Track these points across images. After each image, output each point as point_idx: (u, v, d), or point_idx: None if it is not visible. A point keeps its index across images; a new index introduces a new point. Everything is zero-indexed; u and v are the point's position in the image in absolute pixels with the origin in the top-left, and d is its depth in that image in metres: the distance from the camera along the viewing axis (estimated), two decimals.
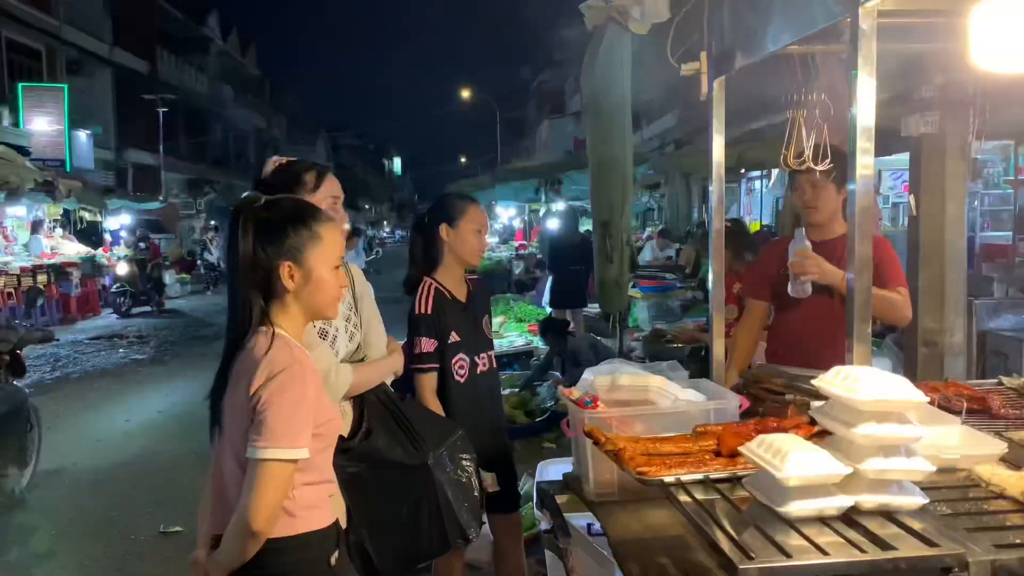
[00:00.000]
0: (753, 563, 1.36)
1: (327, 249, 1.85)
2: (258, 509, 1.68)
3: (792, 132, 2.51)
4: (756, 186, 15.31)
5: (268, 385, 1.71)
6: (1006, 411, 2.21)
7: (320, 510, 1.85)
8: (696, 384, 2.40)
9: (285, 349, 1.78)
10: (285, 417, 1.70)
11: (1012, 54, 1.67)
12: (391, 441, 2.41)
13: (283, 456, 1.69)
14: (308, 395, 1.74)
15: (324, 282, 1.85)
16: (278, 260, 1.80)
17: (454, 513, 2.43)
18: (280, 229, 1.81)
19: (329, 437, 1.87)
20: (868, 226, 1.91)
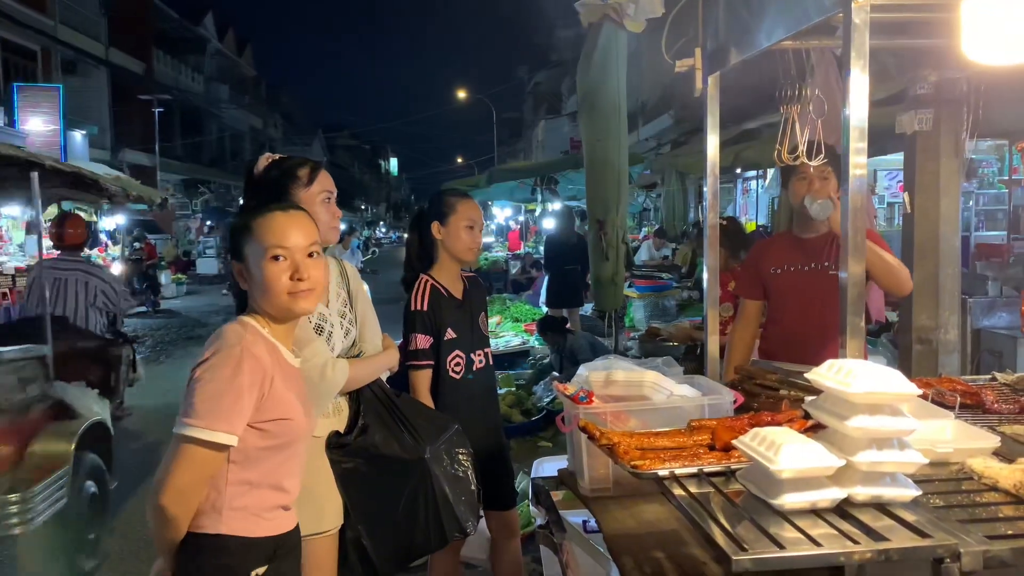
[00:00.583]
0: (747, 554, 1.36)
1: (259, 242, 1.79)
2: (163, 483, 1.65)
3: (786, 128, 2.51)
4: (752, 186, 15.32)
5: (204, 363, 1.70)
6: (999, 406, 2.21)
7: (255, 517, 1.76)
8: (691, 380, 2.40)
9: (236, 332, 1.75)
10: (209, 396, 1.66)
11: (1003, 46, 1.67)
12: (387, 436, 2.41)
13: (198, 435, 1.64)
14: (241, 379, 1.68)
15: (261, 277, 1.78)
16: (234, 262, 1.85)
17: (451, 507, 2.43)
18: (233, 235, 1.84)
19: (280, 437, 1.77)
20: (862, 221, 1.92)
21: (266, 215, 1.82)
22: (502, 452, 3.17)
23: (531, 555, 3.66)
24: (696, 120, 2.51)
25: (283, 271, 1.78)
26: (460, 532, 2.47)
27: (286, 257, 1.79)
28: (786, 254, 3.14)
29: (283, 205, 1.89)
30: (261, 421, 1.73)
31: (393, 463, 2.39)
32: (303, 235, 1.82)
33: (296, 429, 1.81)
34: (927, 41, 2.48)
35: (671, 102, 16.03)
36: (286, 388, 1.78)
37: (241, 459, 1.72)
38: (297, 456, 1.86)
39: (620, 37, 4.11)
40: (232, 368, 1.68)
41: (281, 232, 1.80)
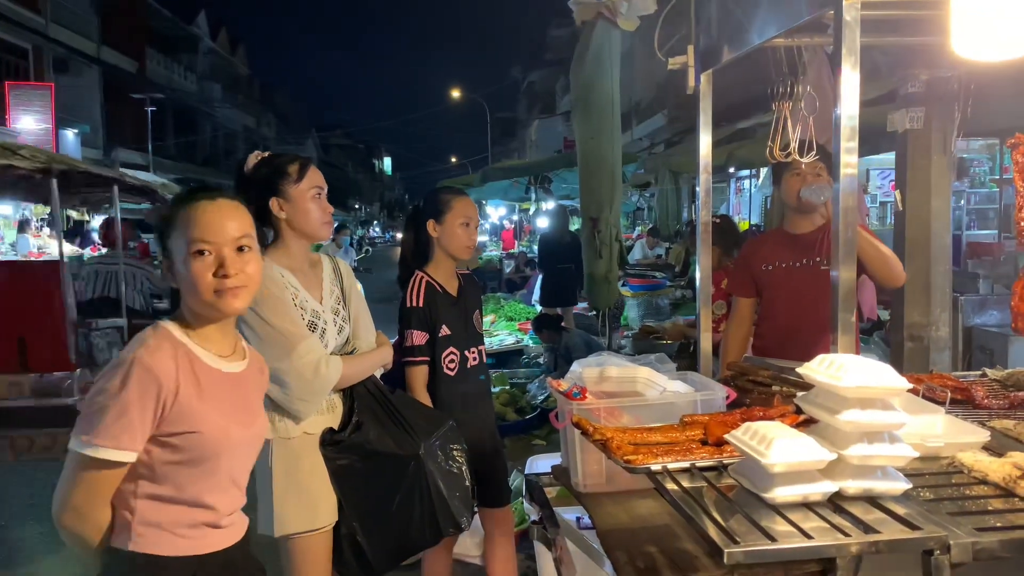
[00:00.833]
0: (739, 547, 1.37)
1: (181, 233, 1.65)
2: (58, 499, 1.59)
3: (779, 125, 2.52)
4: (745, 185, 15.37)
5: (102, 373, 1.59)
6: (989, 401, 2.23)
7: (170, 535, 1.63)
8: (683, 376, 2.41)
9: (141, 340, 1.62)
10: (94, 410, 1.55)
11: (992, 43, 1.68)
12: (382, 432, 2.41)
13: (82, 451, 1.54)
14: (128, 393, 1.54)
15: (186, 273, 1.64)
16: (163, 259, 1.71)
17: (446, 502, 2.42)
18: (160, 229, 1.71)
19: (189, 452, 1.62)
20: (853, 216, 1.93)
21: (190, 205, 1.66)
22: (496, 449, 3.17)
23: (525, 552, 3.67)
24: (689, 120, 2.52)
25: (208, 267, 1.63)
26: (455, 528, 2.47)
27: (211, 251, 1.64)
28: (778, 250, 3.16)
29: (211, 193, 1.70)
30: (166, 434, 1.59)
31: (387, 459, 2.39)
32: (232, 226, 1.66)
33: (209, 442, 1.63)
34: (918, 39, 2.50)
35: (664, 102, 16.09)
36: (200, 398, 1.62)
37: (149, 474, 1.61)
38: (224, 471, 1.69)
39: (613, 35, 4.12)
40: (119, 381, 1.55)
41: (206, 224, 1.64)
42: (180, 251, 1.65)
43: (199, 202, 1.67)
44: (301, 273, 2.46)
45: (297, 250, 2.46)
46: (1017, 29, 1.64)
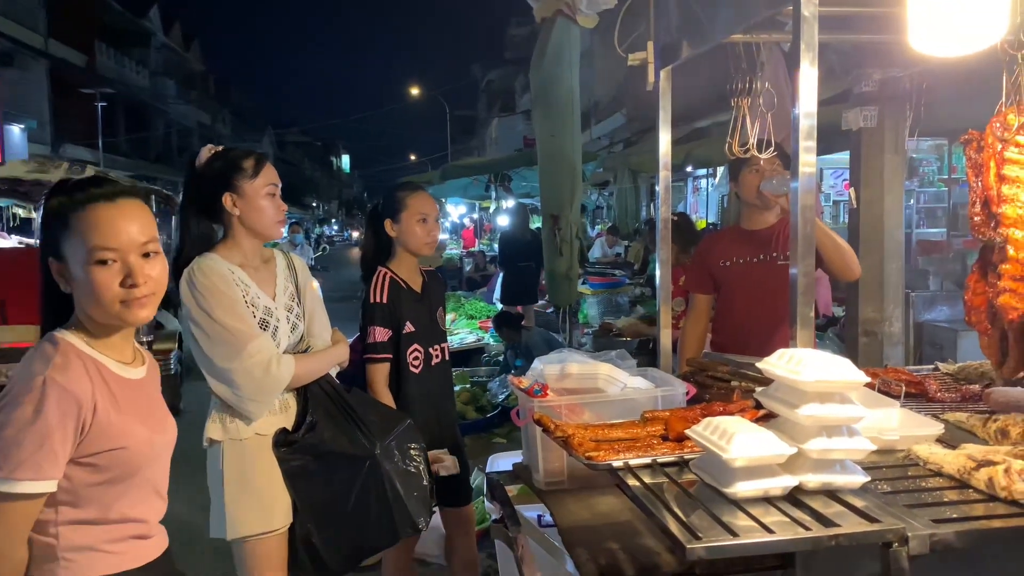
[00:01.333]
0: (700, 543, 1.37)
1: (80, 239, 1.48)
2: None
3: (737, 121, 2.54)
4: (702, 184, 15.54)
5: (2, 398, 1.45)
6: (942, 395, 2.27)
7: (104, 555, 1.54)
8: (644, 372, 2.41)
9: (44, 356, 1.48)
10: (7, 441, 1.40)
11: (949, 38, 1.71)
12: (336, 432, 2.35)
13: (1, 488, 1.40)
14: (46, 417, 1.41)
15: (87, 283, 1.48)
16: (48, 259, 1.53)
17: (403, 503, 2.37)
18: (46, 224, 1.52)
19: (114, 470, 1.53)
20: (811, 213, 1.94)
21: (88, 207, 1.49)
22: (457, 447, 3.14)
23: (487, 551, 3.65)
24: (648, 119, 2.52)
25: (114, 277, 1.49)
26: (412, 529, 2.43)
27: (116, 259, 1.49)
28: (734, 247, 3.18)
29: (107, 191, 1.52)
30: (88, 455, 1.48)
31: (342, 460, 2.34)
32: (137, 230, 1.51)
33: (134, 457, 1.55)
34: (873, 37, 2.54)
35: (623, 101, 16.19)
36: (117, 411, 1.52)
37: (71, 499, 1.49)
38: (148, 482, 1.61)
39: (573, 32, 4.12)
40: (33, 404, 1.41)
41: (109, 229, 1.48)
42: (80, 258, 1.48)
43: (99, 204, 1.50)
44: (252, 269, 2.39)
45: (248, 247, 2.39)
46: (973, 24, 1.67)
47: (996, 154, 1.77)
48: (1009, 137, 1.74)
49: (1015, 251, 1.75)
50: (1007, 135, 1.74)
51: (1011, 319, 1.81)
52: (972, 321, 1.99)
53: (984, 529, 1.45)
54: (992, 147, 1.78)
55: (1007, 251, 1.76)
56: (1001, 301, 1.80)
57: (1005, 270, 1.77)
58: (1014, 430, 1.81)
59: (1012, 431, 1.82)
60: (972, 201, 1.86)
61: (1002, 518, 1.47)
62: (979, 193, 1.83)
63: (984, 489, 1.56)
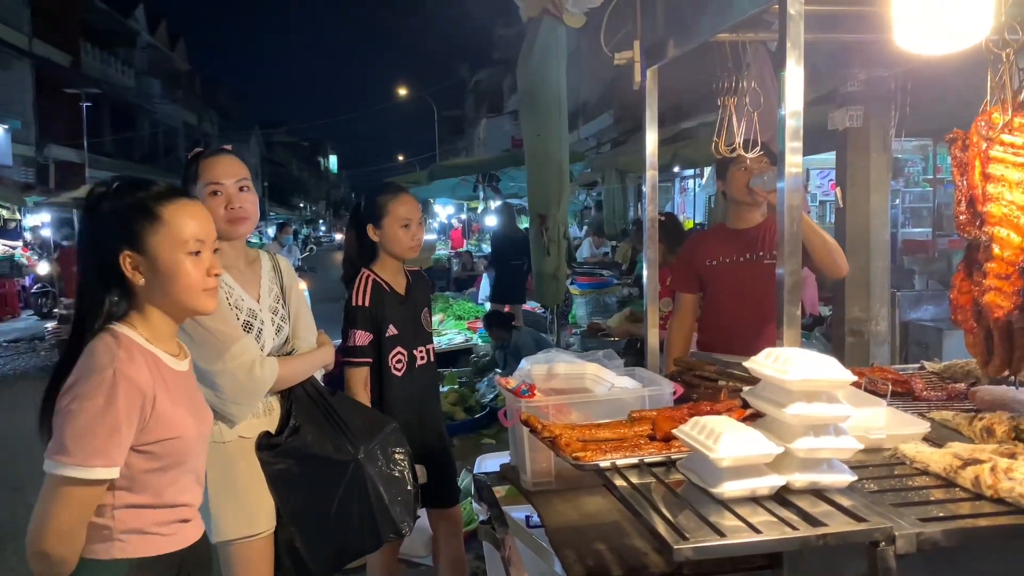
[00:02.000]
0: (687, 543, 1.36)
1: (174, 232, 1.63)
2: (42, 528, 1.53)
3: (724, 120, 2.54)
4: (689, 185, 15.58)
5: (70, 391, 1.54)
6: (928, 393, 2.28)
7: (152, 536, 1.65)
8: (631, 372, 2.41)
9: (107, 350, 1.57)
10: (80, 430, 1.51)
11: (934, 36, 1.71)
12: (320, 436, 2.33)
13: (73, 474, 1.50)
14: (116, 409, 1.52)
15: (176, 272, 1.63)
16: (118, 251, 1.62)
17: (386, 508, 2.35)
18: (116, 215, 1.63)
19: (168, 458, 1.64)
20: (798, 213, 1.94)
21: (177, 202, 1.67)
22: (444, 449, 3.13)
23: (474, 552, 3.64)
24: (635, 120, 2.52)
25: (201, 267, 1.66)
26: (395, 534, 2.40)
27: (202, 251, 1.67)
28: (721, 246, 3.19)
29: (187, 193, 1.76)
30: (146, 444, 1.60)
31: (325, 464, 2.31)
32: (213, 228, 1.72)
33: (187, 446, 1.67)
34: (859, 36, 2.54)
35: (611, 102, 16.21)
36: (172, 403, 1.63)
37: (128, 484, 1.60)
38: (192, 471, 1.73)
39: (560, 31, 4.11)
40: (104, 396, 1.52)
41: (203, 224, 1.68)
42: (171, 248, 1.63)
43: (187, 200, 1.70)
44: (236, 271, 2.37)
45: (230, 248, 2.35)
46: (958, 22, 1.67)
47: (981, 153, 1.77)
48: (994, 136, 1.74)
49: (1000, 249, 1.75)
50: (992, 133, 1.75)
51: (996, 317, 1.81)
52: (958, 320, 1.99)
53: (970, 527, 1.45)
54: (977, 146, 1.78)
55: (992, 249, 1.76)
56: (987, 299, 1.80)
57: (990, 268, 1.78)
58: (999, 428, 1.82)
59: (998, 429, 1.82)
60: (957, 200, 1.87)
61: (988, 516, 1.47)
62: (964, 192, 1.83)
63: (970, 488, 1.56)
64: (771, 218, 3.06)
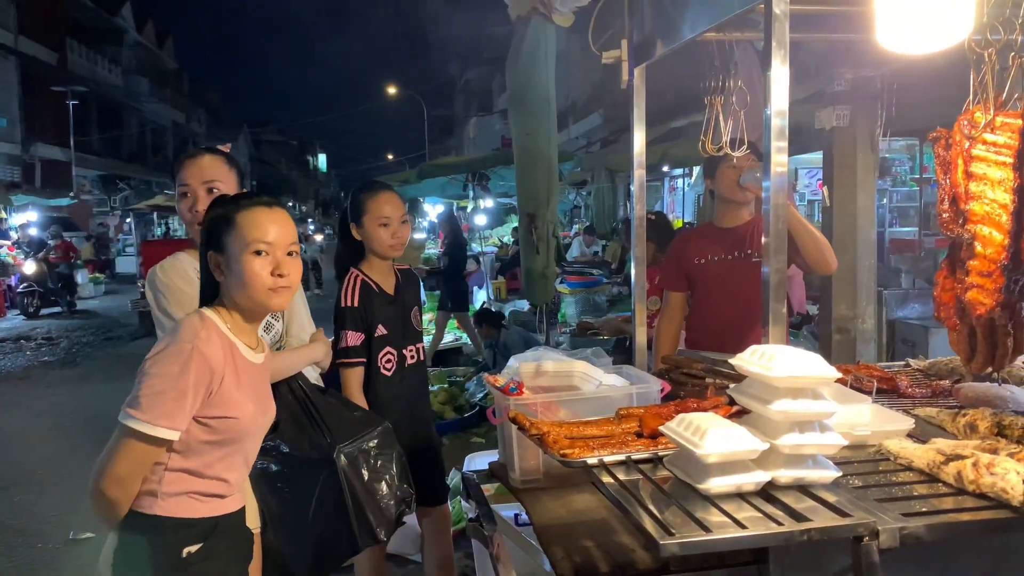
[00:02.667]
0: (674, 538, 1.37)
1: (242, 233, 1.80)
2: (104, 469, 1.70)
3: (711, 119, 2.55)
4: (679, 184, 15.63)
5: (157, 355, 1.71)
6: (913, 390, 2.30)
7: (192, 501, 1.79)
8: (619, 370, 2.42)
9: (192, 328, 1.76)
10: (154, 390, 1.68)
11: (916, 35, 1.73)
12: (297, 434, 2.26)
13: (140, 428, 1.67)
14: (188, 378, 1.69)
15: (242, 270, 1.79)
16: (208, 251, 1.85)
17: (363, 512, 2.26)
18: (211, 226, 1.85)
19: (224, 434, 1.79)
20: (784, 212, 1.95)
21: (252, 209, 1.84)
22: (433, 448, 3.13)
23: (463, 551, 3.64)
24: (625, 119, 2.52)
25: (265, 266, 1.81)
26: (372, 540, 2.30)
27: (268, 252, 1.81)
28: (708, 244, 3.20)
29: (266, 200, 1.90)
30: (207, 416, 1.75)
31: (301, 463, 2.24)
32: (285, 232, 1.85)
33: (242, 427, 1.82)
34: (844, 35, 2.56)
35: (601, 101, 16.24)
36: (237, 387, 1.79)
37: (183, 449, 1.75)
38: (242, 452, 1.88)
39: (548, 31, 4.12)
40: (180, 365, 1.69)
41: (266, 227, 1.82)
42: (240, 249, 1.80)
43: (259, 207, 1.85)
44: None
45: None
46: (940, 22, 1.69)
47: (964, 151, 1.79)
48: (976, 135, 1.76)
49: (982, 247, 1.77)
50: (974, 132, 1.76)
51: (979, 314, 1.83)
52: (941, 317, 2.01)
53: (953, 522, 1.47)
54: (960, 144, 1.80)
55: (975, 247, 1.78)
56: (969, 297, 1.82)
57: (973, 266, 1.79)
58: (982, 424, 1.84)
59: (980, 425, 1.84)
60: (941, 198, 1.88)
61: (971, 511, 1.49)
62: (947, 190, 1.85)
63: (953, 483, 1.58)
64: (759, 216, 3.07)
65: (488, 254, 14.55)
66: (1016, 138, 1.73)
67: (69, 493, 5.31)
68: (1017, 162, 1.73)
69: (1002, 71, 1.72)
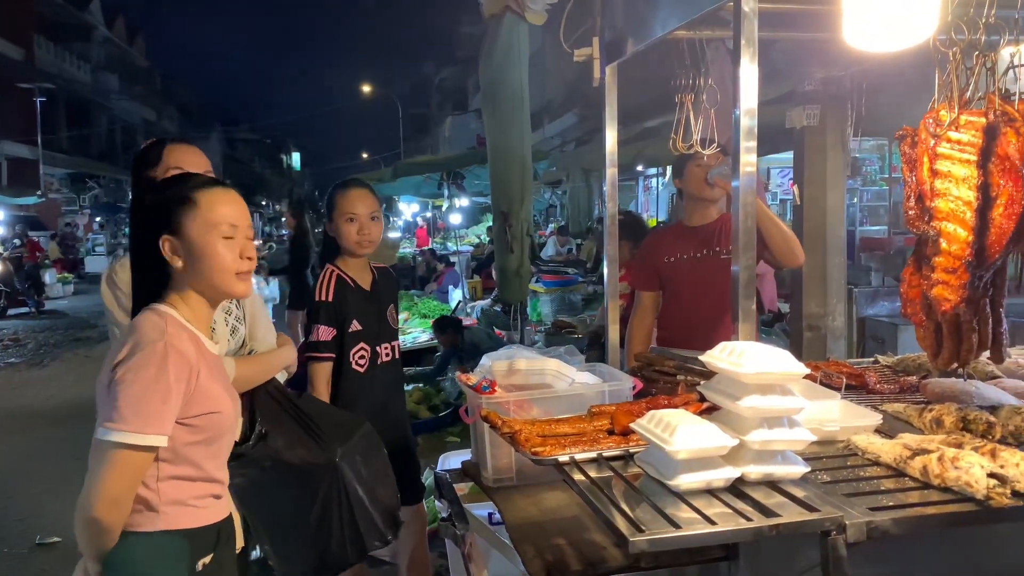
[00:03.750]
0: (644, 535, 1.37)
1: (205, 215, 1.69)
2: (96, 494, 1.57)
3: (682, 116, 2.56)
4: (653, 183, 15.71)
5: (125, 362, 1.59)
6: (881, 386, 2.32)
7: (192, 508, 1.71)
8: (592, 367, 2.42)
9: (155, 326, 1.65)
10: (135, 397, 1.57)
11: (882, 33, 1.74)
12: (291, 441, 2.17)
13: (128, 440, 1.56)
14: (167, 378, 1.59)
15: (210, 254, 1.68)
16: (158, 236, 1.69)
17: (369, 514, 2.23)
18: (156, 202, 1.72)
19: (209, 431, 1.71)
20: (753, 210, 1.96)
21: (211, 189, 1.73)
22: (408, 447, 3.12)
23: (438, 551, 3.62)
24: (599, 119, 2.51)
25: (233, 250, 1.72)
26: (380, 541, 2.28)
27: (235, 237, 1.72)
28: (678, 243, 3.22)
29: (225, 183, 1.80)
30: (189, 416, 1.66)
31: (299, 471, 2.16)
32: (246, 214, 1.76)
33: (225, 421, 1.76)
34: (812, 34, 2.58)
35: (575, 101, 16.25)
36: (212, 380, 1.71)
37: (171, 456, 1.66)
38: (227, 448, 1.83)
39: (521, 29, 4.12)
40: (156, 366, 1.59)
41: (235, 210, 1.73)
42: (202, 231, 1.69)
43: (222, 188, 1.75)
44: None
45: None
46: (905, 21, 1.70)
47: (929, 149, 1.81)
48: (941, 133, 1.78)
49: (947, 244, 1.79)
50: (939, 131, 1.78)
51: (944, 310, 1.85)
52: (908, 313, 2.04)
53: (919, 516, 1.48)
54: (925, 142, 1.82)
55: (940, 244, 1.80)
56: (935, 293, 1.84)
57: (938, 262, 1.82)
58: (948, 419, 1.86)
59: (946, 420, 1.86)
60: (907, 195, 1.91)
61: (936, 505, 1.51)
62: (914, 187, 1.87)
63: (919, 477, 1.59)
64: (727, 214, 3.09)
65: (463, 253, 14.53)
66: (980, 136, 1.75)
67: (35, 497, 5.22)
68: (981, 160, 1.75)
69: (966, 70, 1.75)
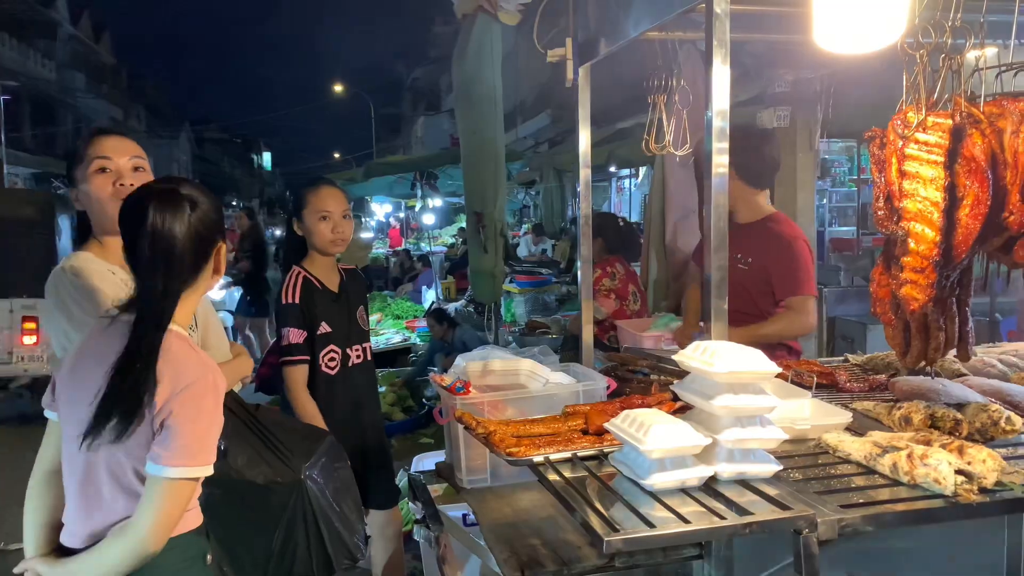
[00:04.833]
0: (618, 535, 1.37)
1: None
2: (159, 529, 1.59)
3: (654, 118, 2.57)
4: (626, 184, 15.78)
5: (179, 396, 1.58)
6: (851, 385, 2.35)
7: (195, 510, 1.75)
8: (566, 367, 2.42)
9: (194, 354, 1.67)
10: (201, 433, 1.61)
11: (851, 36, 1.77)
12: (253, 457, 2.06)
13: (193, 475, 1.61)
14: (219, 405, 1.65)
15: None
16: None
17: (337, 531, 2.15)
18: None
19: None
20: (724, 209, 1.97)
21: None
22: (382, 450, 3.10)
23: (412, 552, 3.61)
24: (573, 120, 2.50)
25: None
26: (349, 559, 2.20)
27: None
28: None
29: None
30: None
31: (262, 489, 2.06)
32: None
33: None
34: (783, 36, 2.61)
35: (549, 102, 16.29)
36: None
37: None
38: None
39: (494, 29, 4.12)
40: (212, 400, 1.64)
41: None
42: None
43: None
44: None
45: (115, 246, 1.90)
46: (873, 24, 1.73)
47: (897, 151, 1.83)
48: (909, 134, 1.81)
49: (915, 244, 1.82)
50: (907, 132, 1.81)
51: (912, 310, 1.88)
52: (877, 312, 2.06)
53: (889, 512, 1.51)
54: (894, 144, 1.84)
55: (908, 244, 1.83)
56: (903, 292, 1.87)
57: (906, 262, 1.84)
58: (916, 417, 1.89)
59: (915, 418, 1.89)
60: (876, 196, 1.93)
61: (905, 501, 1.53)
62: (882, 188, 1.89)
63: (888, 474, 1.62)
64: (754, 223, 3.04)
65: (437, 253, 14.49)
66: (947, 137, 1.78)
67: None
68: (948, 161, 1.78)
69: (933, 73, 1.77)
